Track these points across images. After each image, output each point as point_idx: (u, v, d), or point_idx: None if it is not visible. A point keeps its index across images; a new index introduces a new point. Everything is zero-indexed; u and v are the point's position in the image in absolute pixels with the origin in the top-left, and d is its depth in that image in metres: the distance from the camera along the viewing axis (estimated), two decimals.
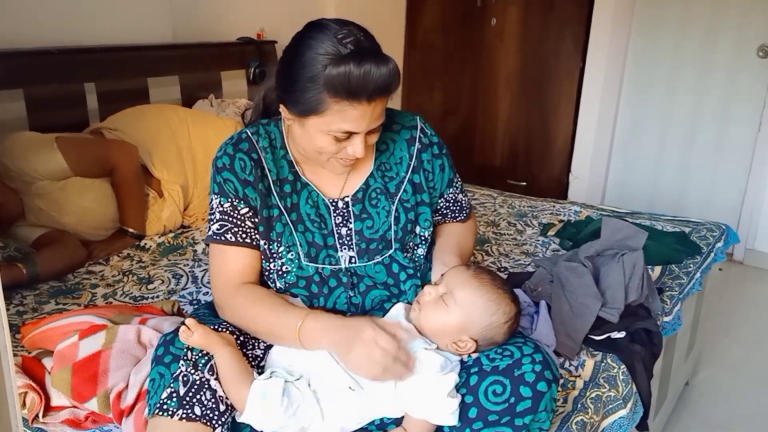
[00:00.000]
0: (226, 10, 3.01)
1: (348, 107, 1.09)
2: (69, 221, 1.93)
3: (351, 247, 1.25)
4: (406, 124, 1.33)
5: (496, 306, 1.14)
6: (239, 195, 1.20)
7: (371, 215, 1.27)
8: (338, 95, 1.08)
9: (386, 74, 1.08)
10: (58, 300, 1.67)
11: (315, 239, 1.23)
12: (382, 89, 1.09)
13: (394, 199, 1.28)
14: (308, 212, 1.24)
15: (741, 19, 3.34)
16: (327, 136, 1.14)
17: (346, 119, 1.11)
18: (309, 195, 1.25)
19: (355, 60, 1.06)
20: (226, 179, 1.20)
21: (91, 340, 1.26)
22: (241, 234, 1.21)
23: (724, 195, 3.56)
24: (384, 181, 1.29)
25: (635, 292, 1.53)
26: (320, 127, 1.13)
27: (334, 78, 1.06)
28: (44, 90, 2.18)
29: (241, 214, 1.21)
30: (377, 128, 1.17)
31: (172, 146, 2.20)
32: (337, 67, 1.06)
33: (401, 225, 1.28)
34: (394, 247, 1.26)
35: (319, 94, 1.09)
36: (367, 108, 1.10)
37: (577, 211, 2.47)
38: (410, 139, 1.32)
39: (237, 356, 1.10)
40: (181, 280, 1.81)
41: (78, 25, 2.39)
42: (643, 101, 3.70)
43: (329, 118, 1.11)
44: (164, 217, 2.14)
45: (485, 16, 3.89)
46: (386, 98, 1.13)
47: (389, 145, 1.31)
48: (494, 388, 1.09)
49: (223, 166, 1.21)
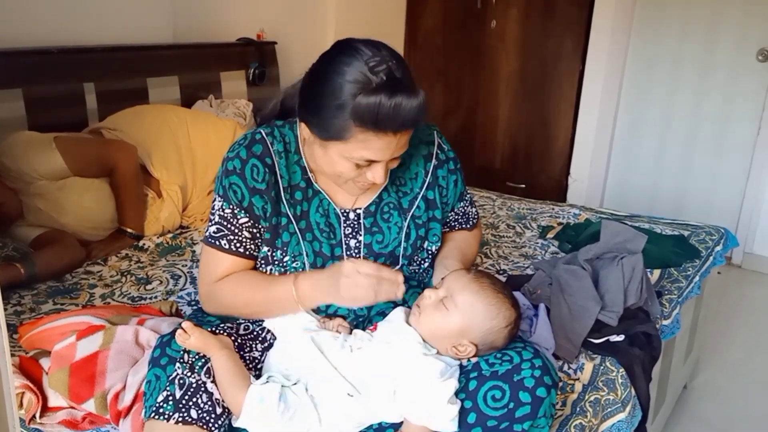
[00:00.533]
0: (227, 10, 3.01)
1: (373, 137, 1.08)
2: (67, 221, 1.93)
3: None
4: (423, 139, 1.31)
5: (496, 310, 1.14)
6: (243, 204, 1.18)
7: (382, 230, 1.26)
8: (365, 125, 1.06)
9: (416, 108, 1.07)
10: (56, 300, 1.66)
11: (322, 249, 1.23)
12: (409, 123, 1.08)
13: (406, 216, 1.28)
14: (318, 221, 1.23)
15: (741, 22, 3.34)
16: (348, 162, 1.13)
17: (369, 148, 1.10)
18: (320, 203, 1.24)
19: (387, 92, 1.04)
20: (233, 184, 1.18)
21: (89, 340, 1.26)
22: (236, 243, 1.20)
23: (723, 198, 3.56)
24: (398, 196, 1.28)
25: (634, 296, 1.53)
26: (343, 153, 1.12)
27: (363, 108, 1.05)
28: (43, 89, 2.18)
29: (239, 223, 1.20)
30: (399, 156, 1.16)
31: (172, 146, 2.20)
32: (368, 98, 1.04)
33: (411, 242, 1.27)
34: (402, 264, 1.26)
35: (345, 122, 1.07)
36: (393, 139, 1.09)
37: (576, 213, 2.47)
38: (427, 156, 1.31)
39: (234, 359, 1.10)
40: (179, 280, 1.80)
41: (78, 25, 2.39)
42: (643, 104, 3.70)
43: (353, 146, 1.10)
44: (163, 217, 2.13)
45: (485, 17, 3.88)
46: (411, 130, 1.12)
47: (405, 160, 1.27)
48: (493, 393, 1.09)
49: (233, 169, 1.18)
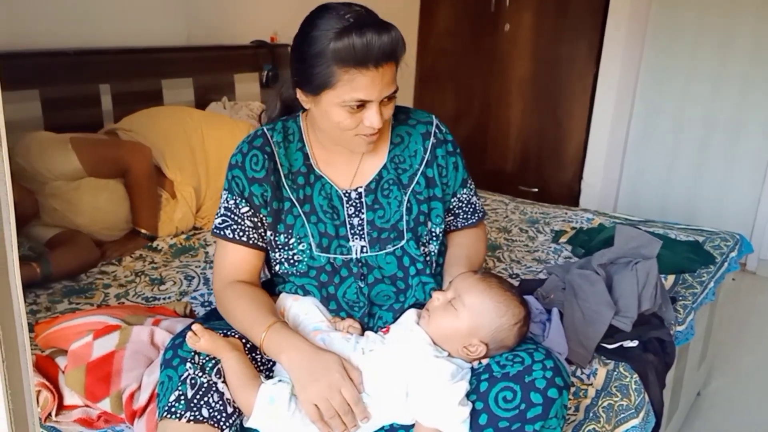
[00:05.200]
0: (240, 13, 3.02)
1: (357, 75, 1.12)
2: (82, 221, 1.94)
3: (363, 237, 1.27)
4: (421, 120, 1.35)
5: (504, 307, 1.14)
6: (244, 194, 1.24)
7: (383, 205, 1.29)
8: (346, 64, 1.11)
9: (388, 40, 1.12)
10: (71, 299, 1.68)
11: (327, 230, 1.25)
12: (388, 54, 1.13)
13: (406, 190, 1.30)
14: (321, 203, 1.27)
15: (755, 29, 3.31)
16: (342, 109, 1.16)
17: (357, 87, 1.13)
18: (323, 187, 1.28)
19: (357, 29, 1.10)
20: (235, 177, 1.25)
21: (105, 340, 1.27)
22: (239, 232, 1.25)
23: (737, 205, 3.53)
24: (397, 173, 1.30)
25: (648, 301, 1.52)
26: (333, 100, 1.15)
27: (340, 48, 1.10)
28: (59, 90, 2.20)
29: (241, 212, 1.25)
30: (391, 98, 1.19)
31: (186, 148, 2.21)
32: (341, 38, 1.10)
33: (413, 216, 1.28)
34: (407, 238, 1.27)
35: (328, 68, 1.12)
36: (376, 74, 1.13)
37: (589, 218, 2.46)
38: (425, 134, 1.34)
39: (244, 361, 1.11)
40: (192, 281, 1.81)
41: (93, 27, 2.40)
42: (657, 109, 3.68)
43: (341, 89, 1.14)
44: (177, 218, 2.14)
45: (499, 21, 3.88)
46: (394, 64, 1.16)
47: (404, 138, 1.33)
48: (504, 394, 1.08)
49: (235, 163, 1.26)
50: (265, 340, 1.12)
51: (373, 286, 1.26)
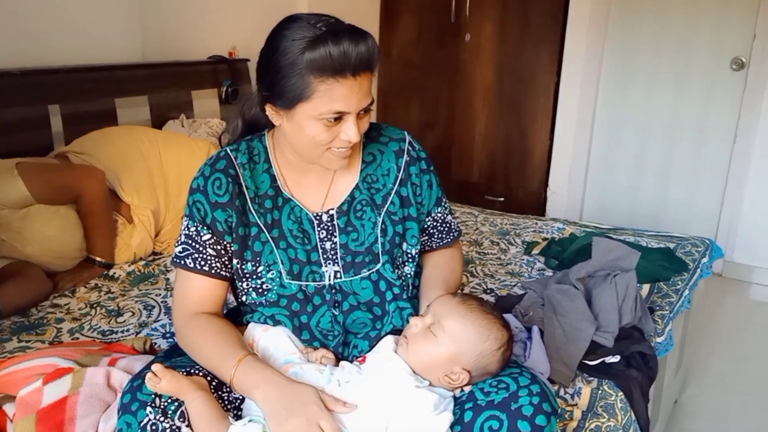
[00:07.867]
0: (197, 28, 2.94)
1: (335, 84, 1.07)
2: (32, 252, 1.82)
3: (336, 262, 1.20)
4: (394, 137, 1.30)
5: (487, 332, 1.10)
6: (206, 220, 1.17)
7: (356, 228, 1.22)
8: (323, 74, 1.06)
9: (365, 49, 1.07)
10: (21, 337, 1.56)
11: (298, 255, 1.19)
12: (366, 62, 1.08)
13: (380, 211, 1.24)
14: (290, 228, 1.20)
15: (714, 32, 3.36)
16: (318, 123, 1.10)
17: (334, 98, 1.08)
18: (291, 210, 1.21)
19: (333, 37, 1.05)
20: (197, 201, 1.18)
21: (56, 384, 1.17)
22: (201, 261, 1.17)
23: (702, 208, 3.57)
24: (370, 192, 1.25)
25: (629, 315, 1.49)
26: (309, 113, 1.09)
27: (316, 58, 1.05)
28: (5, 113, 2.07)
29: (203, 240, 1.17)
30: (367, 111, 1.14)
31: (143, 169, 2.11)
32: (316, 47, 1.05)
33: (389, 237, 1.23)
34: (382, 261, 1.21)
35: (303, 78, 1.07)
36: (354, 83, 1.08)
37: (560, 228, 2.43)
38: (398, 151, 1.28)
39: (210, 401, 1.04)
40: (153, 311, 1.72)
41: (42, 46, 2.29)
42: (620, 115, 3.71)
43: (317, 102, 1.08)
44: (134, 244, 2.04)
45: (460, 31, 3.87)
46: (370, 74, 1.11)
47: (376, 157, 1.27)
48: (490, 423, 1.04)
49: (197, 187, 1.18)
50: (235, 376, 1.06)
51: (348, 313, 1.19)
